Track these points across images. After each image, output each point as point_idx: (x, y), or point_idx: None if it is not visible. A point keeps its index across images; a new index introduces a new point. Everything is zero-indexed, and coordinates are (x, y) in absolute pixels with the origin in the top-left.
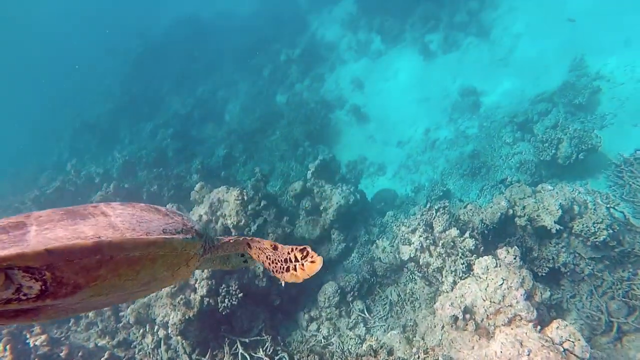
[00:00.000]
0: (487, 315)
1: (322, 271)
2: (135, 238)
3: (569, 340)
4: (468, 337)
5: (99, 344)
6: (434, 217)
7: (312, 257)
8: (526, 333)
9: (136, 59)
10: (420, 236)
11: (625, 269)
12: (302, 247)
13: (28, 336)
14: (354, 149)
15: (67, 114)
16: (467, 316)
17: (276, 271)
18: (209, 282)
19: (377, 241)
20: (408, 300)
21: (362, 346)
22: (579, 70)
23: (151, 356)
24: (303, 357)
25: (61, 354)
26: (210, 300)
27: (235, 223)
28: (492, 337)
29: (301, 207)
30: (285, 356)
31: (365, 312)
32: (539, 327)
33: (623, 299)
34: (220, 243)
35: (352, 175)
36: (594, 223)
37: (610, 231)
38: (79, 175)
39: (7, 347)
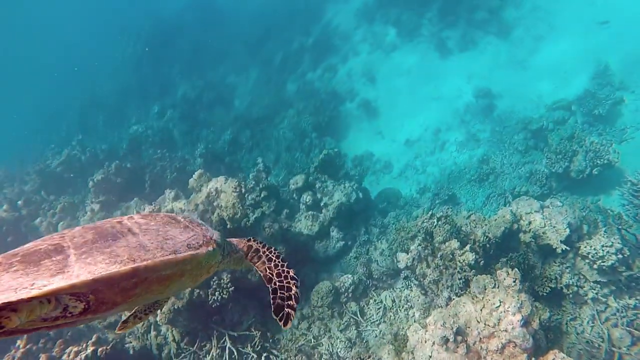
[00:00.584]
0: (480, 338)
1: (317, 269)
2: (165, 259)
3: None
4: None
5: (89, 324)
6: (435, 226)
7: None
8: None
9: (147, 39)
10: (419, 245)
11: (632, 295)
12: (294, 282)
13: None
14: (361, 143)
15: (78, 91)
16: (459, 338)
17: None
18: None
19: (376, 242)
20: (402, 307)
21: (351, 351)
22: (601, 79)
23: (140, 340)
24: (291, 357)
25: (50, 333)
26: (201, 292)
27: (231, 215)
28: None
29: (302, 201)
30: (273, 354)
31: (358, 315)
32: (533, 359)
33: (627, 328)
34: (234, 248)
35: (357, 171)
36: (602, 246)
37: (620, 256)
38: (84, 151)
39: None
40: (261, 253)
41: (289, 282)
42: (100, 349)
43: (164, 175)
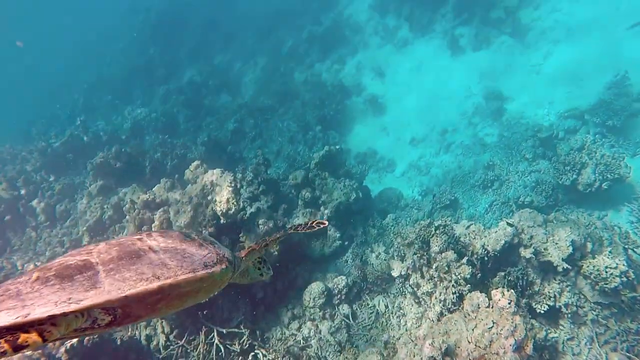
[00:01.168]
0: (470, 359)
1: (311, 268)
2: (186, 278)
3: None
4: None
5: None
6: (432, 235)
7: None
8: None
9: (156, 19)
10: (414, 254)
11: (634, 319)
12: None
13: None
14: (365, 140)
15: (85, 68)
16: (447, 359)
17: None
18: None
19: (373, 245)
20: (395, 314)
21: (340, 355)
22: (619, 88)
23: (130, 330)
24: (279, 357)
25: None
26: None
27: (224, 211)
28: None
29: (300, 197)
30: (261, 353)
31: (350, 318)
32: None
33: (627, 354)
34: (241, 262)
35: (359, 169)
36: (606, 267)
37: (624, 279)
38: (87, 131)
39: None
40: (266, 239)
41: (298, 225)
42: (86, 338)
43: (165, 162)
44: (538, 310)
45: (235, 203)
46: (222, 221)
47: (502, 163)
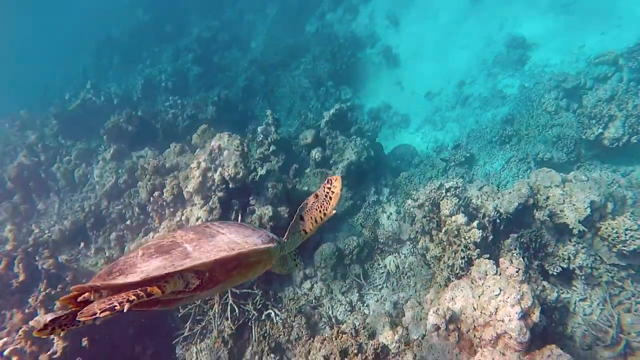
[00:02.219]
0: (475, 326)
1: (322, 228)
2: (253, 249)
3: None
4: (448, 347)
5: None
6: (442, 198)
7: (333, 187)
8: None
9: None
10: (423, 217)
11: None
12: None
13: (37, 259)
14: (379, 94)
15: (94, 26)
16: (452, 326)
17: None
18: None
19: (384, 204)
20: (406, 274)
21: (349, 316)
22: None
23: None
24: (291, 316)
25: (67, 279)
26: None
27: (232, 175)
28: (473, 354)
29: (311, 157)
30: (273, 312)
31: (361, 278)
32: (527, 356)
33: None
34: (285, 244)
35: (372, 125)
36: (626, 229)
37: None
38: (98, 94)
39: (20, 265)
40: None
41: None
42: None
43: (176, 124)
44: (551, 272)
45: (243, 167)
46: (230, 186)
47: (521, 117)
